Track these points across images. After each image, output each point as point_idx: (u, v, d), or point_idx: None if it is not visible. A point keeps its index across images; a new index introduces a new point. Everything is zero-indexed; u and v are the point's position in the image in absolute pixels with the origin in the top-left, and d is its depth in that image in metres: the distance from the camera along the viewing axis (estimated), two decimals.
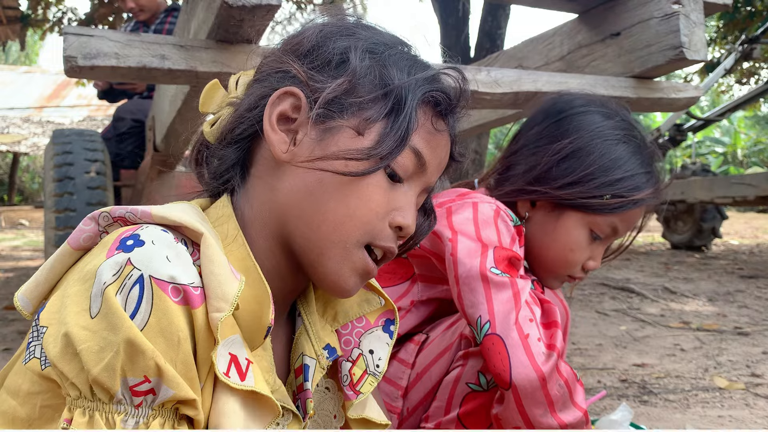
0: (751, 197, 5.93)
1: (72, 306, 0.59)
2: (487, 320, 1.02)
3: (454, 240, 1.08)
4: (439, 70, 0.79)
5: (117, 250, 0.60)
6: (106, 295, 0.57)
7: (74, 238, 0.65)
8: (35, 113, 15.38)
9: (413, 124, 0.72)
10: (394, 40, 0.79)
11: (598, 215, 1.18)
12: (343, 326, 0.85)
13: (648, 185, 1.19)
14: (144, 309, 0.57)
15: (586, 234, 1.21)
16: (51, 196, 2.65)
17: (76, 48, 1.37)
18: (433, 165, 0.77)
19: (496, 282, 1.04)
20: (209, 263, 0.62)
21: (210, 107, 0.81)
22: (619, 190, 1.16)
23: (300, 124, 0.73)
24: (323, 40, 0.75)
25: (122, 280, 0.58)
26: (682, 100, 2.09)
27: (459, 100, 0.78)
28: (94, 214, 0.66)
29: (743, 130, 21.51)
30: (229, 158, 0.77)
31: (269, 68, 0.78)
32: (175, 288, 0.59)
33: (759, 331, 2.97)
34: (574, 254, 1.22)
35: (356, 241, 0.73)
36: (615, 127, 1.21)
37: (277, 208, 0.74)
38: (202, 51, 1.46)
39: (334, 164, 0.70)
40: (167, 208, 0.67)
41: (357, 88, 0.72)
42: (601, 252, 1.25)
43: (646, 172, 1.20)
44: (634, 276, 4.91)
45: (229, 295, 0.61)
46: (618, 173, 1.17)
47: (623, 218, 1.20)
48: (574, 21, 2.20)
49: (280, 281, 0.76)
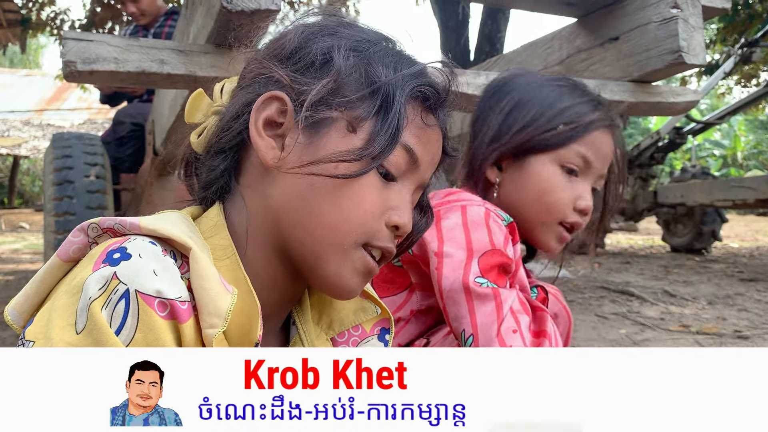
0: (751, 200, 5.94)
1: (58, 320, 0.58)
2: (470, 334, 1.01)
3: (440, 254, 1.08)
4: (426, 64, 0.77)
5: (103, 264, 0.59)
6: (91, 310, 0.57)
7: (63, 250, 0.65)
8: (36, 116, 15.41)
9: (403, 121, 0.71)
10: (378, 37, 0.77)
11: (560, 149, 1.18)
12: (339, 334, 0.84)
13: (596, 109, 1.21)
14: (129, 324, 0.57)
15: (557, 172, 1.19)
16: (50, 199, 2.66)
17: (75, 53, 1.37)
18: (425, 161, 0.76)
19: (479, 294, 1.03)
20: (199, 278, 0.62)
21: (196, 117, 0.80)
22: (569, 117, 1.18)
23: (287, 128, 0.72)
24: (305, 42, 0.74)
25: (108, 294, 0.57)
26: (681, 104, 2.10)
27: (448, 93, 0.77)
28: (83, 225, 0.66)
29: (743, 133, 21.55)
30: (218, 168, 0.75)
31: (252, 74, 0.76)
32: (162, 302, 0.59)
33: (759, 334, 2.96)
34: (553, 195, 1.19)
35: (353, 243, 0.72)
36: (547, 78, 1.27)
37: (270, 215, 0.73)
38: (201, 56, 1.47)
39: (325, 168, 0.69)
40: (157, 219, 0.67)
41: (343, 88, 0.71)
42: (586, 189, 1.21)
43: (589, 100, 1.22)
44: (633, 279, 4.92)
45: (221, 310, 0.61)
46: (563, 104, 1.20)
47: (589, 145, 1.19)
48: (573, 25, 2.21)
49: (276, 291, 0.76)
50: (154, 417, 0.56)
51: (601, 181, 1.25)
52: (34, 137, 14.31)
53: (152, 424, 0.56)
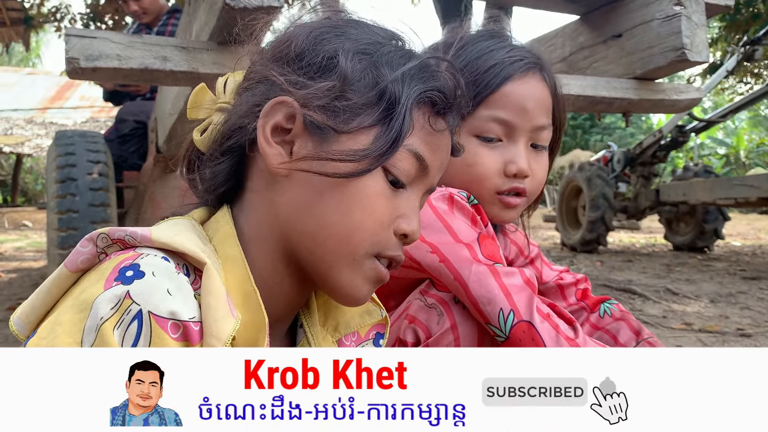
0: (753, 198, 5.93)
1: (63, 336, 0.57)
2: (510, 309, 0.95)
3: (435, 248, 1.02)
4: (433, 65, 0.75)
5: (116, 282, 0.58)
6: (102, 331, 0.56)
7: (71, 260, 0.63)
8: (38, 114, 15.42)
9: (407, 124, 0.70)
10: (387, 35, 0.76)
11: (467, 119, 1.09)
12: (345, 336, 0.83)
13: (495, 59, 1.10)
14: (142, 346, 0.57)
15: (472, 143, 1.09)
16: (53, 197, 2.66)
17: (79, 50, 1.37)
18: (435, 167, 0.75)
19: (504, 272, 0.98)
20: (207, 295, 0.61)
21: (199, 113, 0.79)
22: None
23: (296, 135, 0.70)
24: (312, 44, 0.72)
25: (121, 314, 0.56)
26: (683, 102, 2.09)
27: (456, 97, 0.75)
28: (92, 235, 0.64)
29: (746, 131, 21.51)
30: (223, 171, 0.74)
31: (258, 75, 0.74)
32: (175, 324, 0.58)
33: (761, 332, 2.96)
34: (477, 169, 1.10)
35: (365, 253, 0.71)
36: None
37: (278, 223, 0.72)
38: (204, 53, 1.47)
39: (328, 166, 0.68)
40: (167, 230, 0.66)
41: (350, 92, 0.70)
42: (516, 151, 1.11)
43: (488, 51, 1.12)
44: (636, 277, 4.91)
45: (223, 334, 0.60)
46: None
47: (499, 104, 1.09)
48: (575, 22, 2.21)
49: (284, 299, 0.75)
50: (154, 417, 0.56)
51: (541, 133, 1.13)
52: (37, 135, 14.32)
53: (152, 424, 0.56)
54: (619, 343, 1.30)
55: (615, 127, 23.17)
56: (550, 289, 1.41)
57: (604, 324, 1.34)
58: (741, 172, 18.76)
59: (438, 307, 1.03)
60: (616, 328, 1.32)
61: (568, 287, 1.40)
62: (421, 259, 1.03)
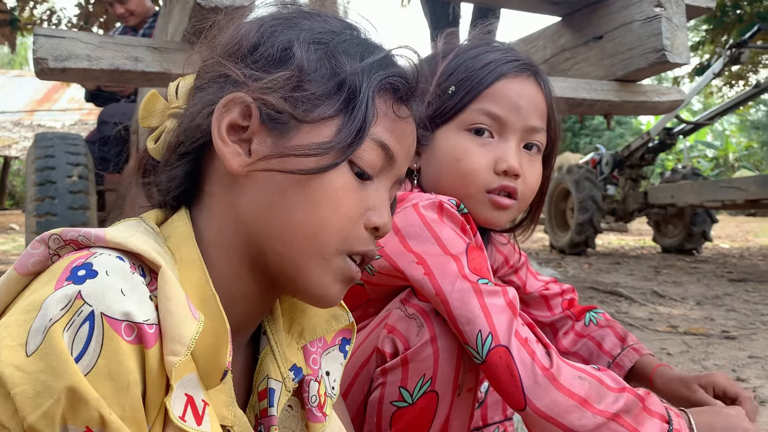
0: (740, 201, 5.96)
1: (7, 339, 0.54)
2: (488, 332, 0.92)
3: (422, 258, 0.99)
4: (391, 51, 0.73)
5: (67, 281, 0.55)
6: (51, 333, 0.53)
7: (21, 263, 0.60)
8: (26, 117, 15.34)
9: (371, 114, 0.67)
10: (341, 25, 0.73)
11: (460, 113, 1.09)
12: (311, 342, 0.81)
13: (489, 58, 1.11)
14: (93, 350, 0.53)
15: (464, 137, 1.09)
16: (32, 200, 2.63)
17: (47, 50, 1.35)
18: (401, 155, 0.73)
19: (488, 291, 0.95)
20: (166, 300, 0.58)
21: (152, 121, 0.75)
22: (457, 76, 1.09)
23: (253, 132, 0.67)
24: (263, 37, 0.70)
25: (71, 315, 0.53)
26: (665, 104, 2.09)
27: (418, 82, 0.73)
28: (43, 236, 0.61)
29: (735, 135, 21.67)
30: (179, 176, 0.71)
31: (210, 73, 0.71)
32: (129, 326, 0.55)
33: (746, 335, 2.96)
34: (465, 163, 1.08)
35: (334, 250, 0.68)
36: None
37: (240, 227, 0.69)
38: (177, 53, 1.45)
39: (291, 162, 0.65)
40: (123, 231, 0.63)
41: (307, 82, 0.67)
42: (507, 149, 1.08)
43: (484, 52, 1.12)
44: (623, 280, 4.91)
45: (185, 338, 0.57)
46: (450, 67, 1.10)
47: (492, 99, 1.08)
48: (557, 24, 2.20)
49: (246, 306, 0.72)
50: None
51: (534, 134, 1.11)
52: (24, 138, 14.24)
53: None
54: (603, 349, 1.29)
55: (604, 129, 23.24)
56: (535, 299, 1.39)
57: (589, 332, 1.33)
58: (729, 175, 18.89)
59: (418, 318, 0.99)
60: (601, 335, 1.31)
61: (554, 297, 1.39)
62: (404, 268, 1.00)
